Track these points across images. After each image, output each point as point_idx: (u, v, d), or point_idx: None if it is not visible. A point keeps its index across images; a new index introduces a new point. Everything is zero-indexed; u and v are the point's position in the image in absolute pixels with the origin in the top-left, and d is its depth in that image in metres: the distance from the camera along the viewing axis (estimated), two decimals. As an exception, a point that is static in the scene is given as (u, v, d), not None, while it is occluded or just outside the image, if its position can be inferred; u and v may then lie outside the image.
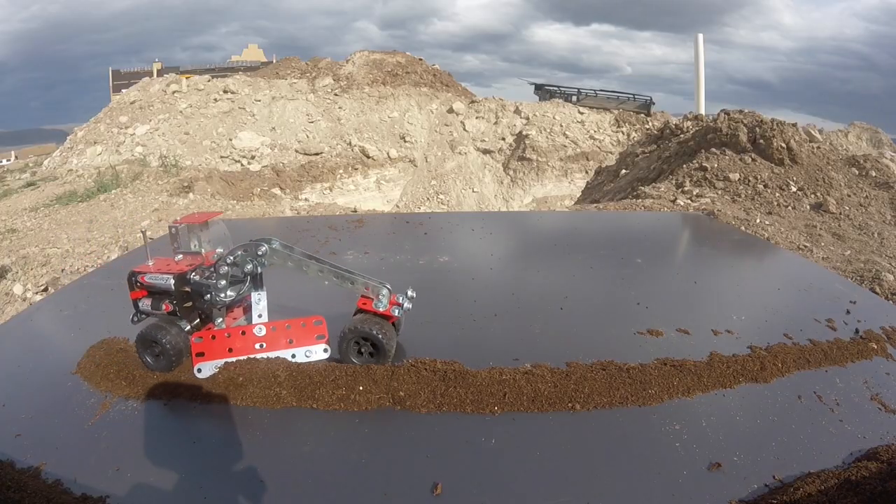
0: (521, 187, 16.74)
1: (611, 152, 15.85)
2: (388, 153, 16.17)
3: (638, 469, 0.85)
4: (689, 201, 6.69)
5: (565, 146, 16.79)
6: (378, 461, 0.87)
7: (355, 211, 9.16)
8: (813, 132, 8.15)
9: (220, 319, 1.15)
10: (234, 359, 1.09)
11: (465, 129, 17.72)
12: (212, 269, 1.10)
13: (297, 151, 14.98)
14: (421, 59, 20.12)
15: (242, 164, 13.87)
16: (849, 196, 6.67)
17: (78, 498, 0.79)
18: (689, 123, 9.41)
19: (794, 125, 7.54)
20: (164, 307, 1.11)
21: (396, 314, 1.12)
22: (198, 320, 1.16)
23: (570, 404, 1.00)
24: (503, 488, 0.81)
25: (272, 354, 1.09)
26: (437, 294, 1.54)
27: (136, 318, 1.16)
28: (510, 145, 17.35)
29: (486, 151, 17.42)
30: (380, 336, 1.07)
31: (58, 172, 12.65)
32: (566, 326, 1.33)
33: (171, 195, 9.49)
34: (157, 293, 1.12)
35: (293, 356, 1.11)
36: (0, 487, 0.78)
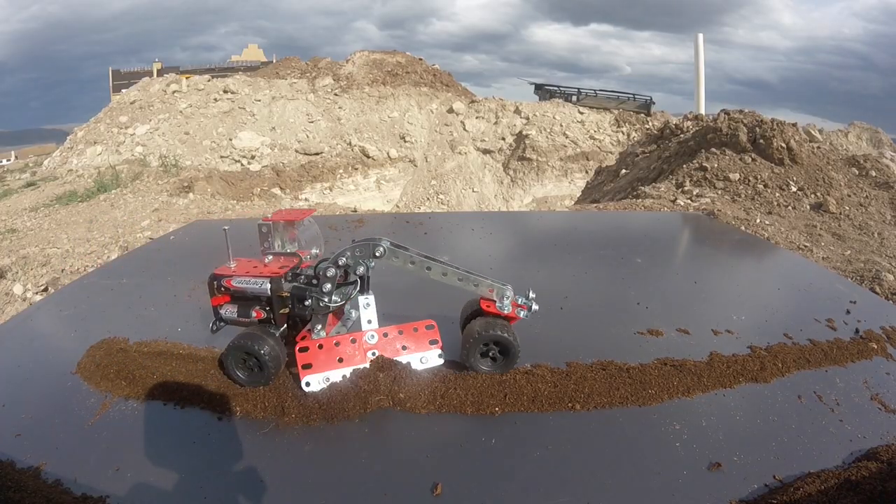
0: (521, 187, 16.74)
1: (611, 152, 15.85)
2: (388, 153, 16.16)
3: (638, 469, 0.85)
4: (689, 201, 6.69)
5: (565, 146, 16.79)
6: (378, 461, 0.87)
7: (355, 211, 9.16)
8: (813, 132, 8.15)
9: (319, 326, 1.05)
10: (345, 370, 1.01)
11: (465, 129, 17.71)
12: (309, 271, 1.01)
13: (297, 151, 14.98)
14: (421, 59, 20.11)
15: (242, 164, 13.86)
16: (849, 196, 6.67)
17: (78, 498, 0.79)
18: (689, 123, 9.41)
19: (794, 125, 7.54)
20: (254, 314, 1.01)
21: (522, 316, 1.05)
22: (284, 327, 1.05)
23: (570, 404, 1.00)
24: (503, 488, 0.81)
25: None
26: (437, 294, 1.54)
27: (215, 327, 1.06)
28: (510, 145, 17.35)
29: (486, 151, 17.42)
30: (511, 338, 1.01)
31: (58, 172, 12.65)
32: (566, 326, 1.33)
33: (171, 195, 9.49)
34: (244, 298, 1.02)
35: (408, 363, 1.04)
36: (0, 487, 0.78)
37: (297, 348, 1.01)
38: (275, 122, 15.52)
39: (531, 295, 1.08)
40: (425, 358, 1.05)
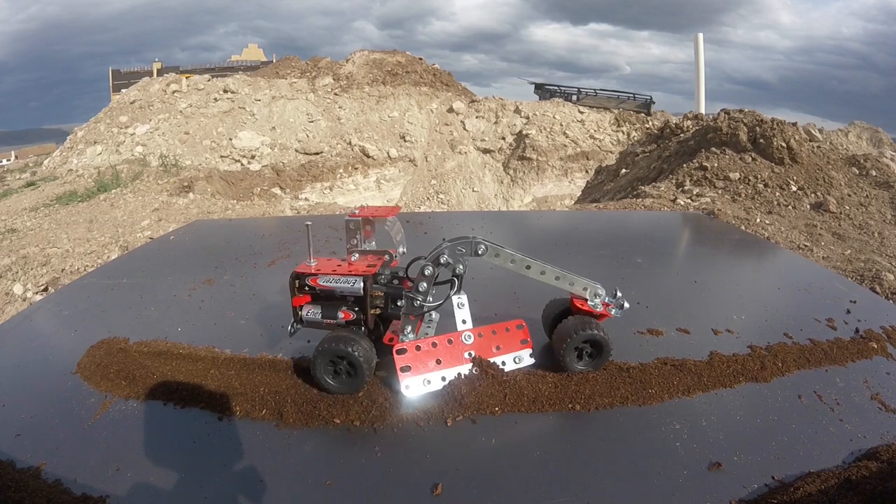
0: (521, 187, 16.74)
1: (611, 152, 15.85)
2: (388, 153, 16.16)
3: (638, 469, 0.85)
4: (689, 201, 6.69)
5: (565, 146, 16.79)
6: (378, 461, 0.87)
7: (355, 210, 9.14)
8: (813, 131, 8.15)
9: (409, 328, 1.01)
10: (444, 371, 0.98)
11: (465, 129, 17.71)
12: (396, 270, 0.98)
13: (297, 151, 14.98)
14: (421, 59, 20.11)
15: (242, 164, 13.86)
16: (849, 195, 6.67)
17: (78, 498, 0.79)
18: (689, 123, 9.41)
19: (795, 125, 7.54)
20: (341, 315, 0.97)
21: (614, 314, 1.05)
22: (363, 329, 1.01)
23: (570, 405, 1.00)
24: (503, 489, 0.81)
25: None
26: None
27: (293, 330, 1.01)
28: (510, 145, 17.35)
29: (486, 151, 17.42)
30: (606, 337, 1.01)
31: (58, 172, 12.66)
32: None
33: (171, 195, 9.49)
34: (330, 299, 0.97)
35: (503, 363, 1.02)
36: (0, 487, 0.78)
37: (395, 350, 0.97)
38: (275, 122, 15.52)
39: (618, 294, 1.07)
40: (518, 357, 1.04)
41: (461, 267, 0.98)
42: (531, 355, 1.04)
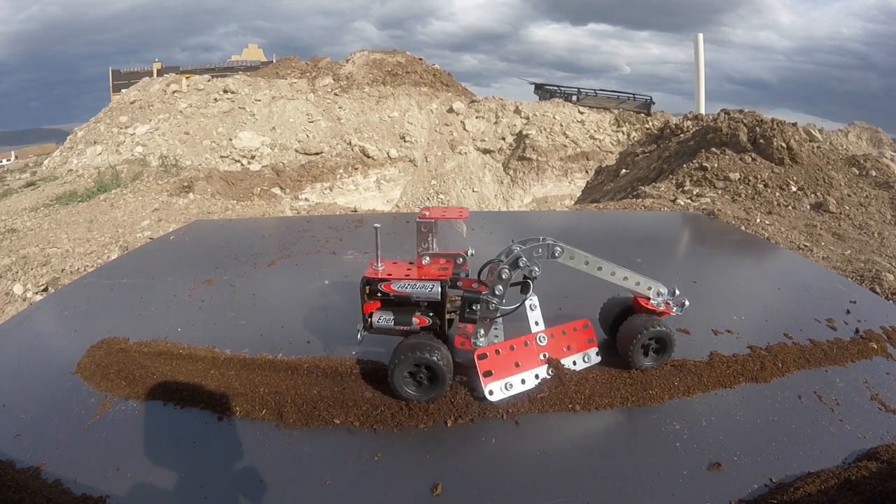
0: (521, 187, 16.75)
1: (611, 152, 15.86)
2: (388, 153, 16.17)
3: (638, 469, 0.85)
4: (689, 201, 6.69)
5: (565, 146, 16.79)
6: (378, 461, 0.87)
7: (355, 211, 9.17)
8: (813, 132, 8.15)
9: (482, 332, 1.00)
10: (523, 374, 0.98)
11: (465, 129, 17.72)
12: (463, 273, 0.98)
13: (297, 151, 14.98)
14: (421, 59, 20.11)
15: (242, 164, 13.86)
16: (849, 196, 6.67)
17: (78, 498, 0.79)
18: (689, 123, 9.41)
19: (795, 125, 7.55)
20: (416, 321, 0.95)
21: (675, 312, 1.09)
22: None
23: (570, 405, 1.00)
24: (503, 489, 0.81)
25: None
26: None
27: (362, 337, 0.99)
28: (510, 145, 17.36)
29: (486, 151, 17.42)
30: (671, 332, 1.05)
31: (58, 172, 12.66)
32: None
33: (171, 195, 9.49)
34: (402, 304, 0.96)
35: (574, 363, 1.03)
36: (0, 487, 0.78)
37: (477, 355, 0.96)
38: (275, 122, 15.52)
39: (677, 292, 1.11)
40: (587, 356, 1.06)
41: (537, 269, 0.98)
42: (597, 353, 1.06)
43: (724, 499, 0.79)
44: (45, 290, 5.29)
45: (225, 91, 16.02)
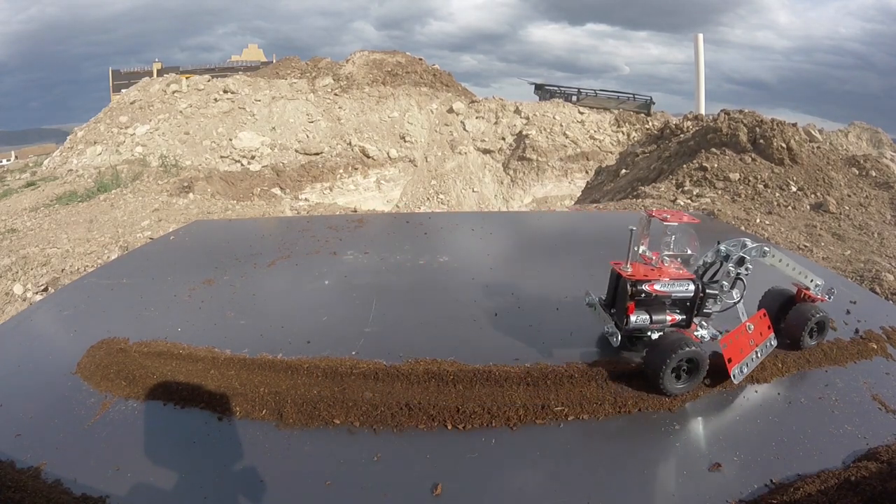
0: (521, 187, 16.75)
1: (611, 152, 15.86)
2: (388, 153, 16.17)
3: (638, 469, 0.85)
4: (689, 201, 6.69)
5: (565, 146, 16.80)
6: (378, 461, 0.87)
7: (355, 211, 9.17)
8: (813, 132, 8.16)
9: (705, 324, 1.11)
10: (746, 358, 1.06)
11: (465, 129, 17.72)
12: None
13: (297, 151, 14.99)
14: (421, 59, 20.12)
15: (242, 164, 13.87)
16: (849, 196, 6.68)
17: (78, 498, 0.79)
18: (689, 123, 9.42)
19: (794, 125, 7.55)
20: (668, 318, 1.03)
21: (828, 299, 1.21)
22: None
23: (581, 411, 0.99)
24: (503, 489, 0.81)
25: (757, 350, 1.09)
26: (437, 294, 1.54)
27: (618, 340, 1.07)
28: (510, 145, 17.36)
29: (486, 151, 17.43)
30: (828, 317, 1.18)
31: (58, 172, 12.67)
32: (565, 326, 1.32)
33: (171, 195, 9.49)
34: (656, 304, 1.04)
35: (765, 347, 1.12)
36: (0, 487, 0.78)
37: (721, 343, 1.04)
38: (275, 122, 15.52)
39: (820, 282, 1.22)
40: (770, 342, 1.13)
41: (751, 266, 1.11)
42: (773, 339, 1.14)
43: (723, 499, 0.78)
44: (45, 290, 5.29)
45: (225, 91, 16.02)
